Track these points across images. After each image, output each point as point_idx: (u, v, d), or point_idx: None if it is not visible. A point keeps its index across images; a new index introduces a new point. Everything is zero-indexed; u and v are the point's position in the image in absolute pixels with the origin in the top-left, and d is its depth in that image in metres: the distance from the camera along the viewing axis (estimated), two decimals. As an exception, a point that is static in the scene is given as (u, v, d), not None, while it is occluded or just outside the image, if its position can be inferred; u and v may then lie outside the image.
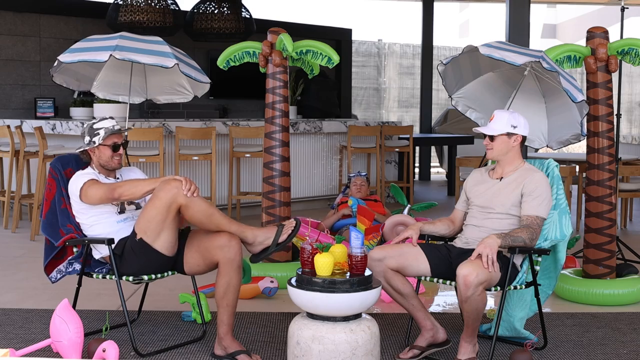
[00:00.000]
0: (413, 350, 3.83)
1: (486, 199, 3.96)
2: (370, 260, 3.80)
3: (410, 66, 15.80)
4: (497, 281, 3.73)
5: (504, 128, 3.90)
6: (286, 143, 5.35)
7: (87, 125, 4.07)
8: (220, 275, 3.77)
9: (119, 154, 4.04)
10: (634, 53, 4.84)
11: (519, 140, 3.93)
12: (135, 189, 3.80)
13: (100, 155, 4.03)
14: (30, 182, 8.08)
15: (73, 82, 5.31)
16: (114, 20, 9.19)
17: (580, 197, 7.87)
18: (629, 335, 4.28)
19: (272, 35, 5.32)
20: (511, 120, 3.91)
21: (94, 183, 3.88)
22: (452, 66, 4.50)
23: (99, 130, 4.01)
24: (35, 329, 4.23)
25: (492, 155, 3.96)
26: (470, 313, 3.61)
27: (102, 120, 4.07)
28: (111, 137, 4.02)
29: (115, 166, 4.05)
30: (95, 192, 3.84)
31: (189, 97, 5.42)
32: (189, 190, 3.69)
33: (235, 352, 3.77)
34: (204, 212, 3.74)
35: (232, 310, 3.78)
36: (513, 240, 3.71)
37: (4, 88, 9.58)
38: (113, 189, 3.80)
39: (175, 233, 3.81)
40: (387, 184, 9.35)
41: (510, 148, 3.93)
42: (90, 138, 4.02)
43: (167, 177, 3.77)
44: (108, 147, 4.01)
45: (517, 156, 3.97)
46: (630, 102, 17.73)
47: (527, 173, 3.92)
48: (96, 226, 3.96)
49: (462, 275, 3.54)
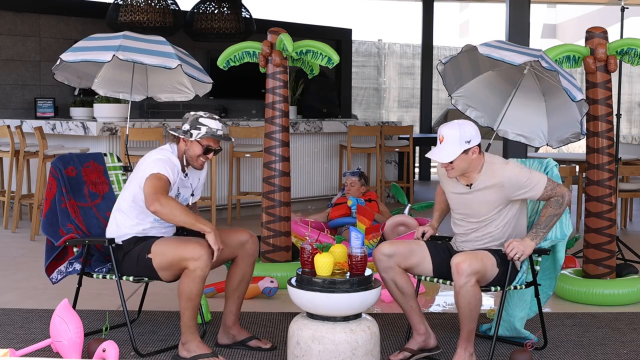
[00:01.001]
0: (404, 352, 3.83)
1: (464, 207, 3.87)
2: (379, 253, 3.80)
3: (410, 66, 15.81)
4: (493, 278, 3.73)
5: (458, 149, 3.65)
6: (286, 143, 5.35)
7: (194, 114, 3.88)
8: (237, 268, 3.94)
9: (207, 157, 3.89)
10: (633, 53, 4.84)
11: (476, 151, 3.71)
12: (171, 215, 3.66)
13: (188, 149, 3.86)
14: (30, 182, 8.08)
15: (74, 79, 5.31)
16: (114, 20, 9.19)
17: (580, 197, 7.86)
18: (629, 335, 4.28)
19: (272, 35, 5.32)
20: (463, 135, 3.66)
21: (158, 179, 3.69)
22: (452, 65, 4.50)
23: (203, 126, 3.84)
24: (35, 329, 4.23)
25: (454, 174, 3.75)
26: (464, 309, 3.59)
27: (210, 118, 3.88)
28: (209, 139, 3.87)
29: (197, 167, 3.91)
30: (147, 186, 3.68)
31: (190, 96, 5.43)
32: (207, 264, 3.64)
33: (245, 339, 3.97)
34: (191, 293, 3.65)
35: (241, 301, 4.01)
36: (546, 226, 3.71)
37: (4, 88, 9.57)
38: (153, 200, 3.63)
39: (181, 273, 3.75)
40: (387, 183, 9.35)
41: (471, 161, 3.71)
42: (189, 128, 3.84)
43: (208, 233, 3.63)
44: (200, 147, 3.85)
45: (478, 163, 3.76)
46: (630, 102, 17.73)
47: (492, 173, 3.75)
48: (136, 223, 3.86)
49: (455, 263, 3.57)
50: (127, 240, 3.85)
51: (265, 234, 5.36)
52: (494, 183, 3.75)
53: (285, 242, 5.36)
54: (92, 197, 4.23)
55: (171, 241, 3.75)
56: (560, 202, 3.72)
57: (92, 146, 7.46)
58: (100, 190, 4.28)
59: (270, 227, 5.34)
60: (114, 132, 7.35)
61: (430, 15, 12.77)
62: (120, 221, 3.89)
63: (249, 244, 3.93)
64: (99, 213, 4.21)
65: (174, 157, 3.86)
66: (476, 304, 3.60)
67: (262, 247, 5.36)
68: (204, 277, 3.65)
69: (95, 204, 4.23)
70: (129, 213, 3.87)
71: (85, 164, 4.27)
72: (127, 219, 3.88)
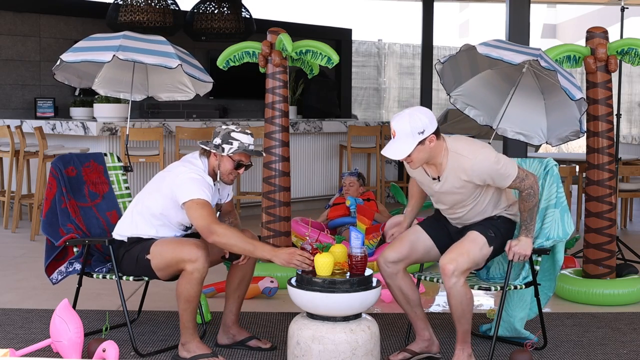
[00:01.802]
0: (404, 352, 3.83)
1: (439, 198, 3.78)
2: (383, 262, 3.78)
3: (410, 66, 15.81)
4: (488, 256, 3.70)
5: (412, 142, 3.46)
6: (286, 143, 5.35)
7: (225, 128, 3.78)
8: (238, 269, 3.94)
9: (238, 172, 3.82)
10: (633, 53, 4.84)
11: (433, 139, 3.51)
12: (229, 245, 3.61)
13: (220, 164, 3.77)
14: (30, 182, 8.08)
15: (74, 79, 5.31)
16: (114, 20, 9.19)
17: (580, 197, 7.86)
18: (629, 335, 4.28)
19: (271, 35, 5.32)
20: (414, 127, 3.45)
21: (203, 206, 3.62)
22: (450, 64, 4.49)
23: (235, 141, 3.75)
24: (35, 329, 4.23)
25: (416, 166, 3.59)
26: (456, 308, 3.58)
27: (243, 133, 3.78)
28: (241, 154, 3.78)
29: (228, 182, 3.83)
30: (196, 217, 3.61)
31: (191, 95, 5.43)
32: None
33: (245, 339, 3.97)
34: (189, 295, 3.65)
35: (241, 301, 4.01)
36: (532, 219, 3.69)
37: (4, 88, 9.57)
38: (210, 233, 3.57)
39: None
40: (387, 184, 9.35)
41: (430, 150, 3.52)
42: (221, 142, 3.75)
43: (273, 260, 3.56)
44: (232, 162, 3.76)
45: (438, 150, 3.56)
46: (630, 102, 17.73)
47: (459, 166, 3.58)
48: (160, 228, 3.83)
49: (441, 265, 3.57)
50: (132, 238, 3.85)
51: (265, 234, 5.36)
52: (460, 177, 3.60)
53: (285, 242, 5.36)
54: (92, 197, 4.23)
55: (169, 242, 3.73)
56: (532, 194, 3.65)
57: (92, 146, 7.46)
58: (100, 190, 4.28)
59: (270, 227, 5.34)
60: (114, 132, 7.35)
61: (430, 15, 12.75)
62: (138, 223, 3.83)
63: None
64: (99, 213, 4.21)
65: (206, 175, 3.76)
66: (468, 303, 3.59)
67: (262, 247, 5.35)
68: (201, 278, 3.64)
69: (95, 204, 4.23)
70: (153, 222, 3.82)
71: (85, 164, 4.27)
72: (147, 227, 3.82)
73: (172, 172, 3.77)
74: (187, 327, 3.71)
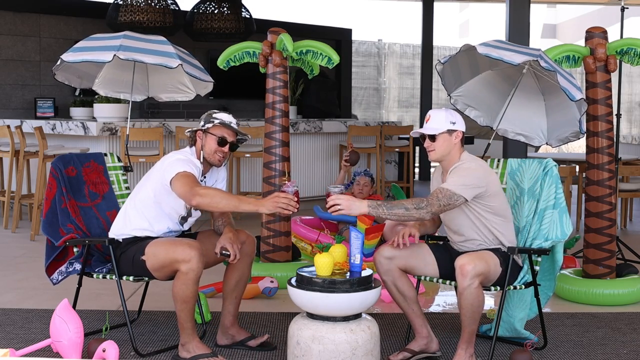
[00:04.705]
0: (404, 352, 3.83)
1: (444, 220, 3.91)
2: (379, 257, 3.81)
3: (410, 66, 15.81)
4: (497, 278, 3.73)
5: (444, 126, 3.75)
6: (286, 143, 5.35)
7: (208, 112, 3.92)
8: (235, 268, 3.92)
9: (223, 150, 3.85)
10: (632, 53, 4.84)
11: (459, 136, 3.78)
12: (214, 203, 3.59)
13: (205, 144, 3.85)
14: (30, 182, 8.08)
15: (75, 80, 5.31)
16: (114, 20, 9.19)
17: (580, 197, 7.86)
18: (629, 335, 4.28)
19: (272, 35, 5.32)
20: (449, 117, 3.78)
21: (186, 176, 3.66)
22: (451, 65, 4.50)
23: (215, 120, 3.85)
24: (35, 329, 4.23)
25: (435, 156, 3.80)
26: (466, 310, 3.59)
27: (224, 113, 3.90)
28: (222, 129, 3.84)
29: (215, 163, 3.87)
30: (179, 186, 3.64)
31: (191, 95, 5.43)
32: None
33: (245, 339, 3.97)
34: (185, 296, 3.64)
35: (239, 301, 4.00)
36: (389, 209, 3.56)
37: (4, 88, 9.57)
38: (192, 195, 3.58)
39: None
40: (387, 183, 9.35)
41: (453, 146, 3.77)
42: (204, 123, 3.87)
43: (260, 210, 3.55)
44: (214, 138, 3.83)
45: (457, 155, 3.80)
46: (630, 102, 17.73)
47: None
48: (155, 222, 3.86)
49: (460, 265, 3.57)
50: (127, 239, 3.85)
51: (265, 234, 5.36)
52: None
53: (285, 242, 5.36)
54: (92, 197, 4.23)
55: (163, 243, 3.73)
56: (418, 205, 3.58)
57: (92, 146, 7.46)
58: (100, 190, 4.29)
59: (270, 227, 5.34)
60: (114, 132, 7.35)
61: (430, 15, 12.77)
62: (131, 218, 3.86)
63: (246, 245, 3.92)
64: (99, 213, 4.21)
65: (194, 158, 3.85)
66: (479, 305, 3.60)
67: (262, 247, 5.36)
68: (196, 278, 3.64)
69: (95, 204, 4.23)
70: (146, 212, 3.84)
71: (85, 164, 4.27)
72: (140, 220, 3.85)
73: (160, 161, 3.86)
74: (186, 327, 3.71)
